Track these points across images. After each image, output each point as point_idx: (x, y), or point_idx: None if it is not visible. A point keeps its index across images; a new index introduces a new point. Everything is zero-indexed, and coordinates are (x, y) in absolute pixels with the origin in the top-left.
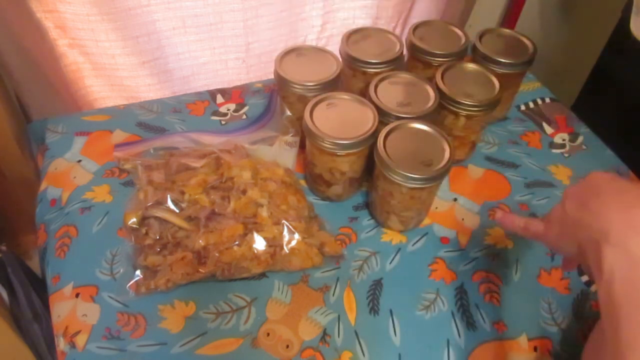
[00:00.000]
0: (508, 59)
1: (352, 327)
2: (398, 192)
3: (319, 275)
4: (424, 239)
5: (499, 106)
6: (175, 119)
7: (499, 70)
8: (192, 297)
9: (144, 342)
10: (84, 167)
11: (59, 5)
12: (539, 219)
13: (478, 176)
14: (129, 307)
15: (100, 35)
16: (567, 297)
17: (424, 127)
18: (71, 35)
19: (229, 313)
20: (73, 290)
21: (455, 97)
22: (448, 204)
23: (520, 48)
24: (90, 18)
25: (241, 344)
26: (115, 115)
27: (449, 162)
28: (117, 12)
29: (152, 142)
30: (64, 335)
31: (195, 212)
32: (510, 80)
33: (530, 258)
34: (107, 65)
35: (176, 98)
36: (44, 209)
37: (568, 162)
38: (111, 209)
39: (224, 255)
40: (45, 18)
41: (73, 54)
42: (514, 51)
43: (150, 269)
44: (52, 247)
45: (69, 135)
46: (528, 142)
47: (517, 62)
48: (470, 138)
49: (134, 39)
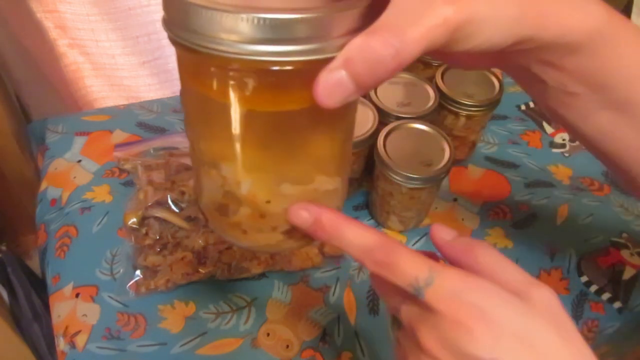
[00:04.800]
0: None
1: (352, 327)
2: (398, 192)
3: (319, 276)
4: (424, 239)
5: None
6: (175, 119)
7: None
8: (192, 297)
9: (144, 342)
10: (84, 167)
11: (59, 5)
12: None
13: (478, 176)
14: (129, 307)
15: (100, 35)
16: (567, 297)
17: (424, 127)
18: (71, 35)
19: (229, 313)
20: (73, 290)
21: (455, 97)
22: (448, 204)
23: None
24: (90, 18)
25: (241, 344)
26: (115, 115)
27: (449, 162)
28: (117, 12)
29: (152, 142)
30: (64, 335)
31: (195, 212)
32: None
33: (530, 258)
34: (107, 65)
35: (176, 98)
36: (44, 209)
37: (568, 162)
38: (111, 209)
39: (224, 255)
40: (45, 18)
41: (73, 54)
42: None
43: (150, 269)
44: (52, 247)
45: (69, 135)
46: (528, 142)
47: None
48: (470, 138)
49: (134, 39)
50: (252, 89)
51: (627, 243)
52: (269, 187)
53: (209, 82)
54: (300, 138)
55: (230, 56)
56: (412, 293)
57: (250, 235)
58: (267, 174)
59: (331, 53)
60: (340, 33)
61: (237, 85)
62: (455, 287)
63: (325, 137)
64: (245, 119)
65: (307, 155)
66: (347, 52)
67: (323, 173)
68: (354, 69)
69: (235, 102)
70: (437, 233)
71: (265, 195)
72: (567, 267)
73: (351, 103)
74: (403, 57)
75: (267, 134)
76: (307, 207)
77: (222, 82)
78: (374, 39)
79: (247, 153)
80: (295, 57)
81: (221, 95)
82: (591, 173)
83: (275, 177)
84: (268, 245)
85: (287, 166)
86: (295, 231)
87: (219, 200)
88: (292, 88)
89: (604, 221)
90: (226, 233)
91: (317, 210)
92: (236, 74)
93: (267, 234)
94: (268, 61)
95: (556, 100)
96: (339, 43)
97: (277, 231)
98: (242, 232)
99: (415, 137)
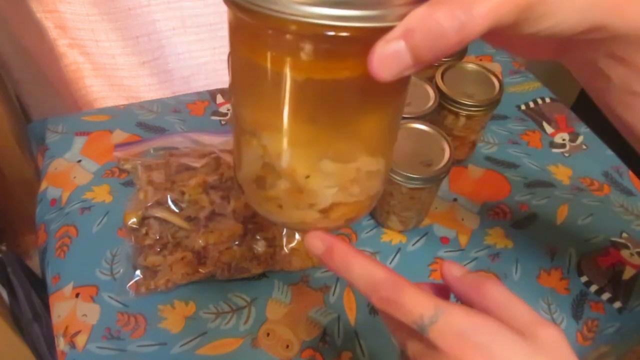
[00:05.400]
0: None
1: (352, 327)
2: (398, 192)
3: (319, 275)
4: (424, 239)
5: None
6: (175, 119)
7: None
8: (192, 297)
9: (143, 342)
10: (84, 167)
11: (59, 5)
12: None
13: (478, 176)
14: (129, 307)
15: (100, 35)
16: (567, 297)
17: (424, 127)
18: (71, 35)
19: (229, 313)
20: (73, 290)
21: (455, 97)
22: (448, 204)
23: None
24: (90, 18)
25: (241, 344)
26: (115, 115)
27: (449, 162)
28: (117, 12)
29: (152, 142)
30: (64, 335)
31: (195, 212)
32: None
33: (530, 258)
34: (107, 65)
35: (176, 98)
36: (44, 209)
37: (568, 161)
38: (111, 209)
39: (223, 255)
40: (45, 18)
41: (73, 54)
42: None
43: (150, 269)
44: (52, 247)
45: (69, 135)
46: (528, 142)
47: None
48: (470, 138)
49: (134, 39)
50: (306, 54)
51: (627, 243)
52: (309, 161)
53: (261, 46)
54: (348, 112)
55: (286, 17)
56: (417, 330)
57: (286, 210)
58: (309, 148)
59: (392, 22)
60: (403, 1)
61: (291, 50)
62: (460, 325)
63: (374, 114)
64: (294, 87)
65: (353, 131)
66: (409, 22)
67: (367, 152)
68: (414, 41)
69: (286, 69)
70: (447, 270)
71: (305, 170)
72: (567, 267)
73: (405, 79)
74: (468, 32)
75: (315, 105)
76: (322, 237)
77: (275, 46)
78: (439, 10)
79: (291, 124)
80: (353, 23)
81: (272, 60)
82: (591, 173)
83: (317, 152)
84: (303, 222)
85: (331, 141)
86: (332, 210)
87: (257, 171)
88: (347, 56)
89: (604, 221)
90: (261, 206)
91: (331, 241)
92: (291, 37)
93: (304, 211)
94: (325, 25)
95: (617, 100)
96: (401, 12)
97: (314, 209)
98: (278, 207)
99: (415, 137)
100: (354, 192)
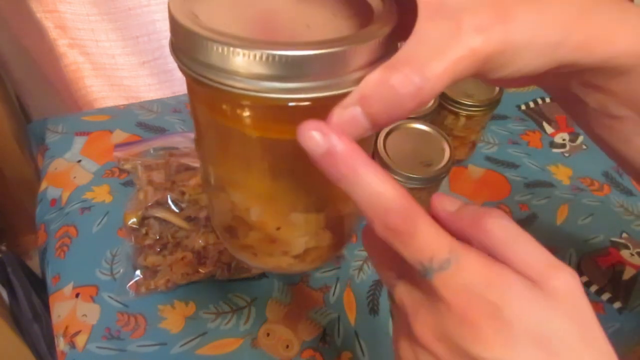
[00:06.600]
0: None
1: (352, 327)
2: None
3: (319, 275)
4: None
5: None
6: (175, 119)
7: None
8: (192, 297)
9: (143, 342)
10: (84, 167)
11: (59, 5)
12: None
13: (478, 176)
14: (129, 307)
15: (100, 35)
16: None
17: (424, 127)
18: (71, 35)
19: (229, 313)
20: (73, 290)
21: (455, 97)
22: None
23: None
24: (90, 18)
25: (241, 344)
26: (115, 115)
27: (449, 162)
28: (117, 12)
29: (152, 142)
30: (64, 335)
31: (195, 212)
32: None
33: None
34: (107, 65)
35: (176, 98)
36: (44, 209)
37: (568, 162)
38: (111, 209)
39: (224, 255)
40: (45, 18)
41: (73, 54)
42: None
43: (150, 269)
44: (52, 247)
45: (69, 135)
46: (528, 142)
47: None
48: (470, 138)
49: (134, 39)
50: (263, 121)
51: (627, 243)
52: (279, 215)
53: (219, 111)
54: (309, 169)
55: (241, 92)
56: (420, 272)
57: (261, 257)
58: (277, 203)
59: (347, 88)
60: (357, 66)
61: (248, 117)
62: (473, 279)
63: None
64: (256, 146)
65: (319, 184)
66: (364, 89)
67: (337, 199)
68: (370, 108)
69: (245, 131)
70: (438, 205)
71: (276, 223)
72: None
73: (366, 137)
74: (424, 95)
75: (275, 162)
76: (322, 130)
77: (232, 113)
78: (393, 75)
79: (255, 181)
80: (308, 94)
81: (231, 123)
82: (591, 173)
83: (285, 206)
84: (278, 267)
85: (298, 195)
86: (307, 254)
87: (228, 222)
88: (303, 118)
89: (604, 221)
90: (237, 253)
91: (332, 136)
92: (246, 106)
93: (278, 257)
94: (280, 98)
95: (597, 122)
96: (356, 76)
97: (288, 255)
98: (253, 255)
99: (415, 137)
100: (326, 237)
